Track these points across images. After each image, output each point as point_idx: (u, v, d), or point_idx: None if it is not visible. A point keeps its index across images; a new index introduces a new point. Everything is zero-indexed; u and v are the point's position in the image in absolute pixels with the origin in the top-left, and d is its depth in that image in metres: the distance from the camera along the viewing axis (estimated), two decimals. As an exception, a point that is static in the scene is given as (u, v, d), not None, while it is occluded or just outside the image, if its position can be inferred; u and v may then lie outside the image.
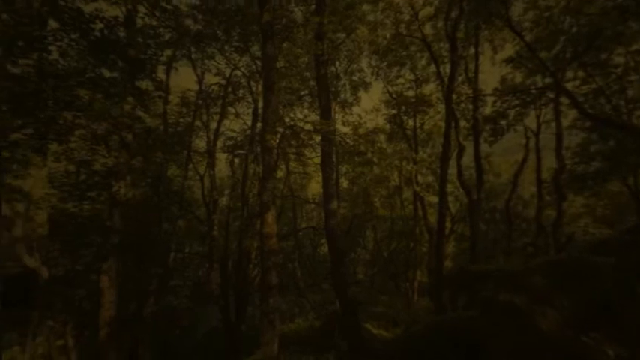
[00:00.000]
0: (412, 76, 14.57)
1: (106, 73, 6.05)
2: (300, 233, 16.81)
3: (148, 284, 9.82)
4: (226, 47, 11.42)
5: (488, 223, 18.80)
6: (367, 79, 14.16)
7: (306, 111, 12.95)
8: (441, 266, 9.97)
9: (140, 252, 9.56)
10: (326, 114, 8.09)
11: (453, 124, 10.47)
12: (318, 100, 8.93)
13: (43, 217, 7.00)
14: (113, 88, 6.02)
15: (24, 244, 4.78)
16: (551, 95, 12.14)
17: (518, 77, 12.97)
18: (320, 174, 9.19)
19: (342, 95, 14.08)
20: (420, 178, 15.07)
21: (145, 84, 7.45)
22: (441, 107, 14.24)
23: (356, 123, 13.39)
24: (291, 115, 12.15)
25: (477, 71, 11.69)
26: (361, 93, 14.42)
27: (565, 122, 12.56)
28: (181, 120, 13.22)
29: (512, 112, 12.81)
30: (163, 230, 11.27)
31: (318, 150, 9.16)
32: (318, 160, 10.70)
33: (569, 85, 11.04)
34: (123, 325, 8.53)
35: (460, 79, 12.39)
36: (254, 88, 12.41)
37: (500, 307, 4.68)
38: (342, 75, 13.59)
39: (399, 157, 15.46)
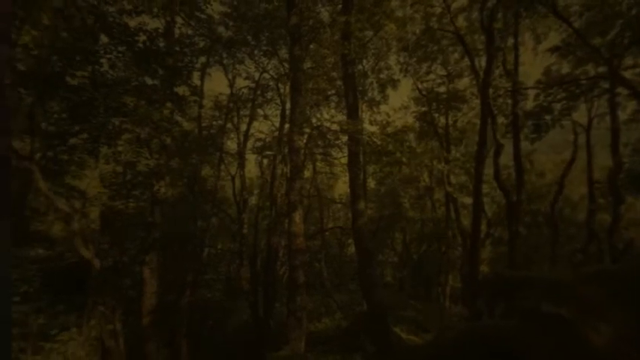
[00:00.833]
0: (444, 72, 13.94)
1: (148, 81, 6.57)
2: (327, 233, 16.85)
3: (184, 277, 10.48)
4: (255, 51, 11.81)
5: (529, 227, 17.37)
6: (395, 77, 13.81)
7: (332, 111, 12.96)
8: (475, 271, 9.43)
9: (177, 247, 10.24)
10: (353, 113, 8.03)
11: (489, 121, 9.85)
12: (345, 100, 8.91)
13: (95, 213, 7.77)
14: (154, 95, 6.52)
15: (80, 237, 5.35)
16: (606, 86, 10.92)
17: (566, 67, 11.84)
18: (347, 174, 9.16)
19: (370, 94, 13.88)
20: (452, 178, 14.38)
21: (181, 90, 7.96)
22: (476, 103, 13.45)
23: (384, 122, 13.11)
24: (318, 116, 12.23)
25: (516, 63, 10.87)
26: (389, 91, 14.10)
27: (622, 115, 11.24)
28: (214, 123, 13.92)
29: (558, 106, 11.72)
30: (198, 227, 11.94)
31: (345, 150, 9.14)
32: (345, 160, 10.67)
33: (627, 74, 9.87)
34: (162, 314, 9.20)
35: (497, 72, 11.61)
36: (282, 90, 12.69)
37: (543, 318, 4.32)
38: (369, 73, 13.40)
39: (430, 156, 14.86)
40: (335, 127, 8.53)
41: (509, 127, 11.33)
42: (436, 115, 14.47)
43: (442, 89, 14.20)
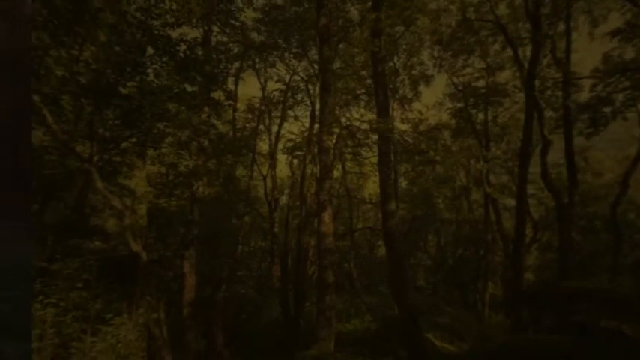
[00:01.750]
0: (482, 64, 13.07)
1: (188, 88, 7.04)
2: (357, 233, 16.68)
3: (220, 272, 11.05)
4: (286, 54, 12.09)
5: (584, 233, 15.58)
6: (429, 72, 13.27)
7: (362, 110, 12.81)
8: (519, 279, 8.71)
9: (214, 243, 10.83)
10: (383, 112, 7.87)
11: (535, 115, 9.04)
12: (375, 99, 8.76)
13: (143, 210, 8.50)
14: (193, 101, 6.97)
15: (130, 232, 5.89)
16: (681, 72, 9.45)
17: (630, 53, 10.42)
18: (377, 174, 8.99)
19: (401, 91, 13.49)
20: (492, 177, 13.45)
21: (217, 94, 8.42)
22: (520, 96, 12.41)
23: (416, 120, 12.67)
24: (348, 115, 12.17)
25: (568, 51, 9.83)
26: (422, 87, 13.58)
27: None
28: (247, 125, 14.51)
29: (620, 97, 10.36)
30: (232, 225, 12.52)
31: (375, 149, 8.98)
32: (375, 160, 10.48)
33: None
34: (200, 306, 9.80)
35: (545, 61, 10.59)
36: (311, 91, 12.83)
37: (601, 334, 3.86)
38: (400, 70, 13.03)
39: (467, 154, 14.05)
40: (365, 126, 8.42)
41: (560, 121, 10.29)
42: (474, 111, 13.61)
43: (480, 83, 13.32)
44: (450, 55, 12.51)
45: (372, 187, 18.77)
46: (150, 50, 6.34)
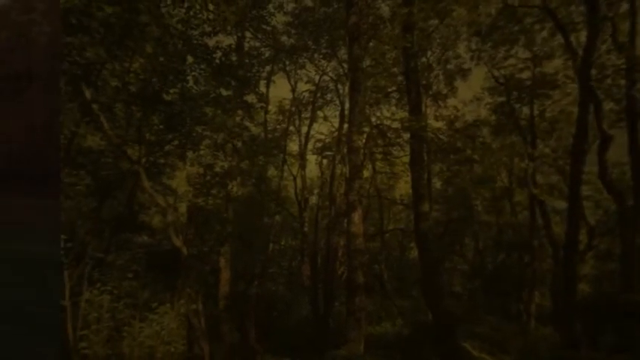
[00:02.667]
0: (527, 54, 12.03)
1: (223, 92, 7.42)
2: (388, 235, 16.29)
3: (252, 269, 11.48)
4: (315, 55, 12.20)
5: (652, 240, 13.61)
6: (465, 66, 12.54)
7: (393, 108, 12.49)
8: (572, 290, 7.87)
9: (247, 241, 11.28)
10: (416, 109, 7.62)
11: (591, 108, 8.11)
12: (406, 96, 8.50)
13: (183, 208, 9.13)
14: (228, 104, 7.34)
15: (172, 228, 6.36)
16: None
17: None
18: (409, 173, 8.72)
19: (435, 87, 12.91)
20: (538, 177, 12.32)
21: (250, 98, 8.78)
22: (572, 87, 11.21)
23: (451, 116, 12.07)
24: (378, 114, 11.94)
25: (633, 33, 8.66)
26: (458, 82, 12.87)
27: None
28: (278, 126, 14.90)
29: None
30: (264, 223, 12.93)
31: (407, 148, 8.72)
32: (406, 159, 10.17)
33: None
34: (234, 301, 10.26)
35: (604, 47, 9.45)
36: (341, 91, 12.81)
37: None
38: (434, 65, 12.48)
39: (509, 152, 13.03)
40: (396, 124, 8.23)
41: (622, 114, 9.12)
42: (517, 105, 12.57)
43: (525, 75, 12.26)
44: (489, 47, 11.68)
45: (403, 188, 18.21)
46: (189, 58, 6.80)
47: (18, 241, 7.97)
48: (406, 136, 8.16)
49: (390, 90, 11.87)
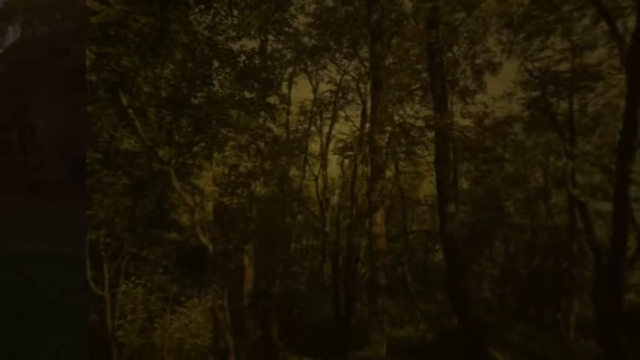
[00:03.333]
0: (565, 44, 11.15)
1: (247, 95, 7.64)
2: (411, 236, 15.88)
3: (274, 267, 11.69)
4: (337, 55, 12.19)
5: None
6: (495, 60, 11.89)
7: (417, 106, 12.16)
8: (618, 299, 7.18)
9: (269, 240, 11.51)
10: (441, 107, 7.37)
11: (640, 101, 7.34)
12: (431, 93, 8.24)
13: (209, 207, 9.50)
14: (251, 106, 7.55)
15: (200, 226, 6.65)
16: None
17: None
18: (433, 173, 8.44)
19: (462, 83, 12.39)
20: (578, 177, 11.39)
21: (272, 99, 8.95)
22: (619, 78, 10.24)
23: (480, 113, 11.51)
24: (401, 113, 11.69)
25: (690, 17, 7.74)
26: (487, 77, 12.25)
27: None
28: (299, 127, 15.06)
29: None
30: (286, 223, 13.12)
31: (432, 147, 8.45)
32: (431, 159, 9.85)
33: None
34: (257, 298, 10.51)
35: (655, 34, 8.51)
36: (363, 90, 12.68)
37: None
38: (461, 60, 11.97)
39: (544, 150, 12.17)
40: (420, 123, 8.01)
41: (679, 106, 8.16)
42: (554, 99, 11.69)
43: (563, 67, 11.36)
44: (522, 38, 10.96)
45: (427, 188, 17.65)
46: (215, 63, 7.08)
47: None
48: (430, 134, 7.91)
49: (413, 87, 11.55)
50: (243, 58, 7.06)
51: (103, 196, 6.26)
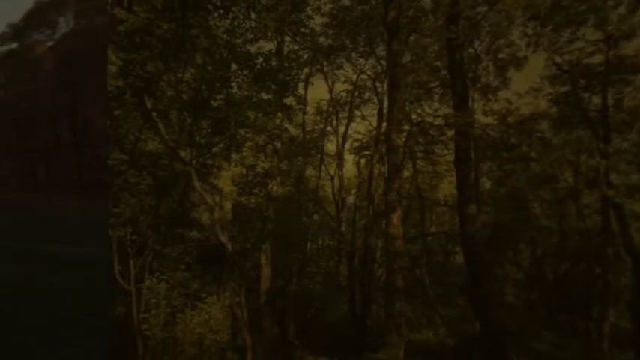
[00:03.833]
0: (599, 35, 10.45)
1: (264, 96, 7.76)
2: (430, 237, 15.48)
3: (291, 266, 11.80)
4: (353, 54, 12.11)
5: None
6: (520, 54, 11.35)
7: (436, 104, 11.84)
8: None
9: (286, 239, 11.64)
10: (462, 104, 7.15)
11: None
12: (451, 90, 8.00)
13: (228, 207, 9.74)
14: (268, 107, 7.66)
15: (219, 225, 6.84)
16: None
17: None
18: (453, 173, 8.19)
19: (484, 79, 11.92)
20: (613, 176, 10.65)
21: (289, 100, 9.02)
22: (658, 71, 9.48)
23: (503, 110, 11.02)
24: (419, 111, 11.42)
25: None
26: (511, 73, 11.72)
27: None
28: (316, 127, 15.11)
29: None
30: (302, 223, 13.21)
31: (452, 146, 8.20)
32: (451, 158, 9.55)
33: None
34: (274, 296, 10.65)
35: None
36: (379, 89, 12.52)
37: None
38: (482, 56, 11.52)
39: (574, 148, 11.46)
40: (439, 121, 7.79)
41: None
42: (585, 94, 11.00)
43: (596, 59, 10.65)
44: (549, 31, 10.38)
45: (447, 188, 17.13)
46: (233, 66, 7.24)
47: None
48: (450, 133, 7.67)
49: (432, 85, 11.26)
50: (261, 60, 7.18)
51: (130, 195, 6.57)
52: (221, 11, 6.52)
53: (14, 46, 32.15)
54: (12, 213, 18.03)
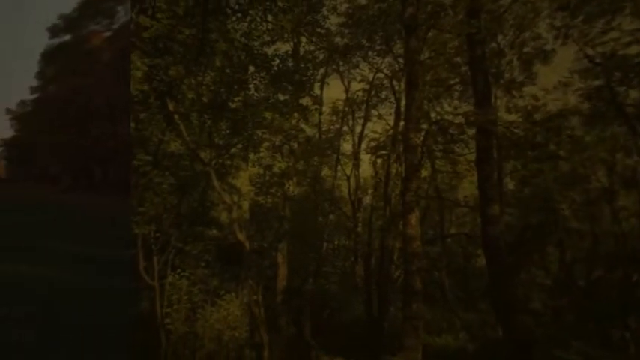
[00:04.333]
0: (636, 25, 9.70)
1: (280, 97, 7.85)
2: (449, 239, 15.04)
3: (307, 266, 11.85)
4: (370, 53, 11.99)
5: None
6: (547, 47, 10.76)
7: (456, 102, 11.49)
8: None
9: (302, 238, 11.71)
10: (483, 101, 6.89)
11: None
12: (472, 87, 7.72)
13: (246, 206, 9.93)
14: (285, 108, 7.74)
15: (237, 224, 7.00)
16: None
17: None
18: (474, 173, 7.90)
19: (507, 75, 11.41)
20: (652, 177, 9.86)
21: (305, 100, 9.08)
22: None
23: (529, 107, 10.50)
24: (438, 109, 11.13)
25: None
26: (537, 67, 11.14)
27: None
28: (332, 127, 15.09)
29: None
30: (318, 222, 13.23)
31: (473, 145, 7.92)
32: (471, 157, 9.21)
33: None
34: (290, 296, 10.75)
35: None
36: (397, 87, 12.31)
37: None
38: (506, 50, 11.03)
39: (609, 146, 10.74)
40: (459, 119, 7.53)
41: None
42: (621, 88, 10.25)
43: (634, 50, 9.87)
44: (580, 21, 9.76)
45: (468, 188, 16.55)
46: (251, 68, 7.39)
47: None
48: (471, 131, 7.41)
49: (452, 82, 10.92)
50: (277, 61, 7.27)
51: (154, 194, 6.87)
52: (239, 15, 6.67)
53: (67, 37, 30.50)
54: (60, 213, 17.42)
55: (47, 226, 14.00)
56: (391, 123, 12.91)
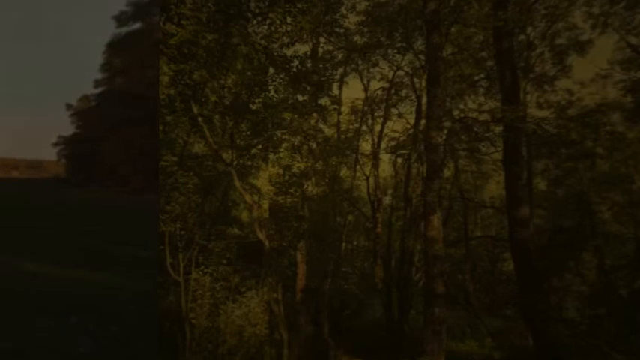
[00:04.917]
0: (687, 10, 8.82)
1: (299, 98, 7.92)
2: (474, 242, 14.44)
3: (326, 266, 11.86)
4: (389, 51, 11.78)
5: None
6: (583, 37, 10.05)
7: (481, 98, 11.03)
8: None
9: (321, 238, 11.72)
10: (511, 97, 6.56)
11: None
12: (499, 82, 7.37)
13: (265, 205, 10.12)
14: (303, 108, 7.80)
15: (257, 223, 7.14)
16: None
17: None
18: (502, 172, 7.54)
19: (538, 69, 10.79)
20: None
21: (324, 101, 9.10)
22: None
23: (562, 102, 9.86)
24: (462, 107, 10.72)
25: None
26: (572, 59, 10.44)
27: None
28: (350, 127, 14.97)
29: None
30: (337, 223, 13.20)
31: (500, 143, 7.55)
32: (498, 156, 8.78)
33: None
34: (309, 295, 10.81)
35: None
36: (417, 85, 12.02)
37: None
38: (536, 42, 10.43)
39: (654, 143, 9.81)
40: (484, 117, 7.20)
41: None
42: (669, 79, 9.37)
43: (683, 38, 9.01)
44: (622, 8, 9.03)
45: (494, 189, 15.83)
46: (270, 70, 7.51)
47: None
48: (497, 129, 7.05)
49: (476, 78, 10.48)
50: (296, 62, 7.33)
51: (179, 194, 7.19)
52: (259, 18, 6.80)
53: (136, 26, 27.48)
54: (130, 215, 15.84)
55: (117, 231, 11.93)
56: (412, 121, 12.63)
